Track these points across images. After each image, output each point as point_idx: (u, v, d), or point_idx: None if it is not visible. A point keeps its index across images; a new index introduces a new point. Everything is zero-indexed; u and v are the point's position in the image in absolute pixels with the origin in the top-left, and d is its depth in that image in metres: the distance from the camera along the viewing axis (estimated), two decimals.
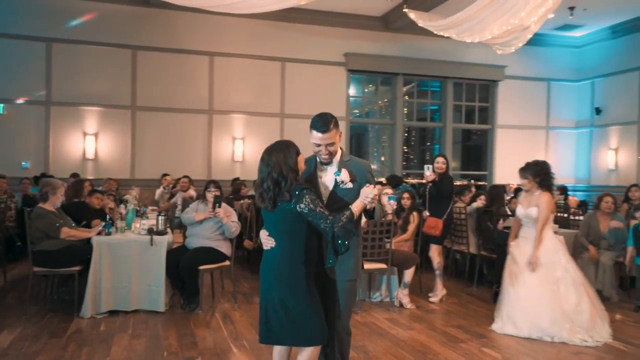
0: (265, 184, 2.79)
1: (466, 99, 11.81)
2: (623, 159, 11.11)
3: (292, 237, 2.81)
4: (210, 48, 10.28)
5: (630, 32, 10.91)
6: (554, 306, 4.59)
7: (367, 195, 2.75)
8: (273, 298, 2.82)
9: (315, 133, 2.88)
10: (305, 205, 2.69)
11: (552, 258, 4.75)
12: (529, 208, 4.86)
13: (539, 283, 4.68)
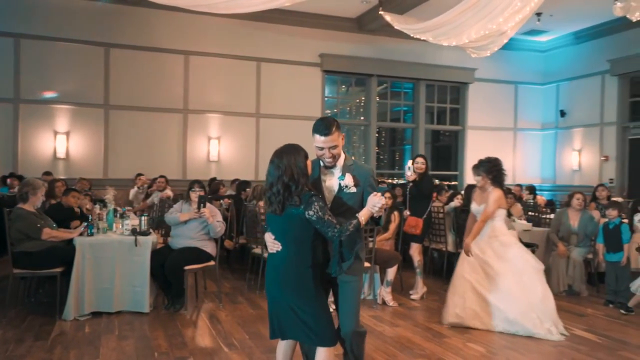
0: (275, 187, 2.81)
1: (438, 100, 12.06)
2: (586, 160, 11.56)
3: (299, 241, 2.84)
4: (185, 47, 10.19)
5: (593, 38, 11.36)
6: (521, 298, 4.71)
7: (375, 204, 2.78)
8: (282, 301, 2.86)
9: (318, 137, 2.91)
10: (314, 212, 2.73)
11: (511, 252, 4.88)
12: (482, 204, 4.98)
13: (504, 277, 4.78)
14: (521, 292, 4.72)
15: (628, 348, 4.52)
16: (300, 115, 10.87)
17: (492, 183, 4.96)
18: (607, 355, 4.30)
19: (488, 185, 4.98)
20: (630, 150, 10.85)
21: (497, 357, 4.23)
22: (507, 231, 5.05)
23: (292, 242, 2.85)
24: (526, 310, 4.68)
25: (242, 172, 10.21)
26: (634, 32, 10.31)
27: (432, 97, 12.01)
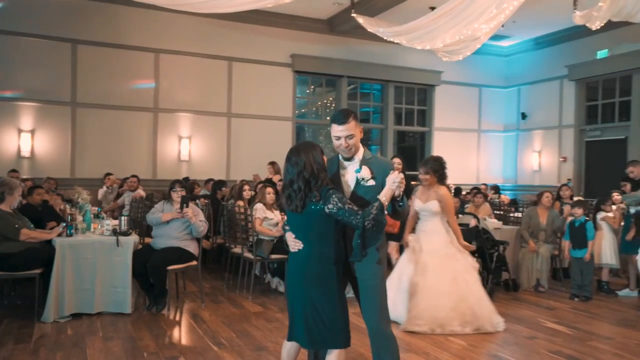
0: (296, 184, 2.81)
1: (405, 102, 12.31)
2: (546, 161, 12.05)
3: (321, 238, 2.83)
4: (155, 45, 10.05)
5: (552, 44, 11.85)
6: (453, 296, 4.78)
7: (395, 181, 2.76)
8: (304, 299, 2.85)
9: (335, 126, 2.92)
10: (334, 205, 2.73)
11: (452, 249, 4.98)
12: (428, 202, 5.00)
13: (442, 274, 4.85)
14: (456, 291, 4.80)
15: (597, 338, 4.80)
16: (272, 115, 10.92)
17: (439, 181, 5.03)
18: (579, 346, 4.56)
19: (435, 183, 5.02)
20: (587, 151, 11.38)
21: (478, 349, 4.42)
22: (449, 228, 5.09)
23: (315, 239, 2.84)
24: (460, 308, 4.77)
25: (214, 171, 10.16)
26: (590, 40, 10.83)
27: (400, 99, 12.25)
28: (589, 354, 4.34)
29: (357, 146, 2.98)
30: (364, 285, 2.97)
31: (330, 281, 2.83)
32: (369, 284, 2.96)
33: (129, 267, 5.21)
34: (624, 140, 10.55)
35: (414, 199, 5.18)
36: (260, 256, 5.96)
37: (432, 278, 4.85)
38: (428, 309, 4.76)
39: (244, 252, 6.22)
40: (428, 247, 4.99)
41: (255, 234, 6.02)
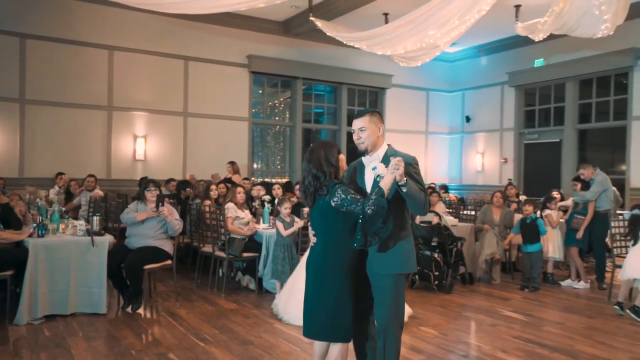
0: (307, 179, 2.98)
1: (358, 103, 12.69)
2: (488, 162, 12.78)
3: (330, 232, 2.97)
4: (109, 42, 9.84)
5: (493, 52, 12.58)
6: None
7: (395, 166, 2.76)
8: (312, 292, 3.00)
9: (353, 121, 3.11)
10: (338, 196, 2.82)
11: None
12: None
13: None
14: None
15: (549, 324, 5.29)
16: (228, 115, 10.96)
17: None
18: (536, 331, 5.02)
19: None
20: (525, 153, 12.18)
21: (448, 337, 4.77)
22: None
23: (323, 234, 3.00)
24: None
25: (170, 171, 10.09)
26: (528, 49, 11.61)
27: (353, 101, 12.60)
28: (545, 338, 4.80)
29: (375, 142, 3.07)
30: (379, 281, 3.02)
31: (336, 275, 2.94)
32: (384, 281, 3.00)
33: (104, 267, 5.20)
34: (559, 143, 11.40)
35: None
36: (233, 255, 6.07)
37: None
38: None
39: (215, 251, 6.30)
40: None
41: (227, 233, 6.12)
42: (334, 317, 2.94)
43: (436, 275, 6.46)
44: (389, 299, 2.99)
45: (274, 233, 6.11)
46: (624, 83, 10.35)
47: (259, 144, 13.70)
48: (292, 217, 5.88)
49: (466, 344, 4.59)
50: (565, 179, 10.98)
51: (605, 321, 5.43)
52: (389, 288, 2.99)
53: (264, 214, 6.83)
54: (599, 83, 10.82)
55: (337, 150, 3.05)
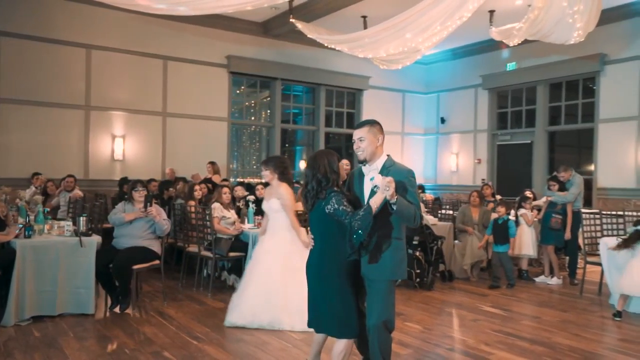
0: (310, 184, 3.17)
1: (336, 104, 12.84)
2: (462, 162, 13.10)
3: (325, 235, 3.17)
4: (87, 40, 9.74)
5: (467, 55, 12.89)
6: (287, 296, 4.82)
7: (385, 186, 2.89)
8: (314, 290, 3.21)
9: (354, 131, 3.27)
10: (331, 205, 3.06)
11: (290, 247, 4.97)
12: (270, 200, 5.06)
13: (277, 272, 4.89)
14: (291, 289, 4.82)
15: (527, 318, 5.54)
16: (207, 116, 10.96)
17: (280, 178, 5.04)
18: (515, 324, 5.25)
19: (276, 181, 5.03)
20: (498, 154, 12.53)
21: (433, 332, 4.95)
22: (287, 227, 5.06)
23: (321, 235, 3.20)
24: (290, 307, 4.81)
25: (149, 171, 10.04)
26: (501, 53, 11.97)
27: (331, 102, 12.75)
28: (524, 331, 5.03)
29: (373, 152, 3.20)
30: (370, 285, 3.19)
31: (333, 276, 3.15)
32: (375, 285, 3.16)
33: (92, 268, 5.20)
34: (530, 144, 11.77)
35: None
36: (220, 254, 6.13)
37: (266, 276, 4.89)
38: (264, 306, 4.82)
39: (201, 251, 6.35)
40: (268, 246, 5.03)
41: (213, 233, 6.17)
42: (338, 314, 3.14)
43: (418, 273, 6.65)
44: (380, 303, 3.14)
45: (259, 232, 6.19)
46: (591, 87, 10.77)
47: (235, 144, 13.72)
48: None
49: (451, 338, 4.77)
50: (537, 179, 11.37)
51: (578, 315, 5.71)
52: (380, 293, 3.15)
53: (249, 214, 6.91)
54: (568, 87, 11.23)
55: (337, 158, 3.26)
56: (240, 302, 4.96)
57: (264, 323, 4.83)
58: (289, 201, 4.97)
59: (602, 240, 6.22)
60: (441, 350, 4.41)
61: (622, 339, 4.85)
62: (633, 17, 9.77)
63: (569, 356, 4.33)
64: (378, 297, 3.15)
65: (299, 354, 4.25)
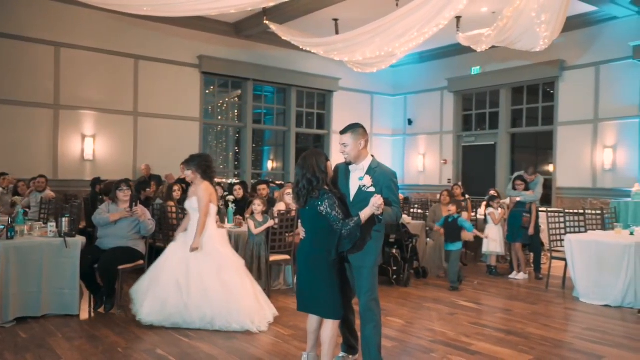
0: (301, 183, 3.45)
1: (306, 105, 13.00)
2: (429, 163, 13.49)
3: (317, 229, 3.50)
4: (55, 38, 9.58)
5: (434, 59, 13.28)
6: (219, 294, 4.77)
7: (375, 204, 3.35)
8: (303, 276, 3.53)
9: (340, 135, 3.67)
10: (325, 207, 3.40)
11: (215, 247, 4.94)
12: (192, 198, 5.00)
13: (203, 273, 4.81)
14: (221, 288, 4.78)
15: (500, 311, 5.85)
16: (179, 116, 10.94)
17: (202, 177, 5.00)
18: (489, 317, 5.56)
19: (198, 180, 5.00)
20: (463, 155, 12.97)
21: (415, 325, 5.18)
22: (215, 226, 5.08)
23: (312, 230, 3.52)
24: (226, 305, 4.75)
25: (120, 171, 9.93)
26: (466, 57, 12.36)
27: (302, 102, 12.90)
28: (499, 323, 5.33)
29: (358, 155, 3.60)
30: (358, 271, 3.62)
31: (322, 263, 3.49)
32: (362, 271, 3.60)
33: (77, 269, 5.18)
34: (494, 145, 12.25)
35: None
36: None
37: (196, 276, 4.80)
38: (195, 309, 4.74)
39: None
40: (187, 244, 4.92)
41: None
42: (326, 297, 3.48)
43: (394, 270, 6.88)
44: (368, 285, 3.59)
45: (242, 232, 6.30)
46: (550, 92, 11.31)
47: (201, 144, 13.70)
48: (266, 217, 6.09)
49: (432, 331, 5.01)
50: (500, 179, 11.84)
51: (545, 307, 6.06)
52: (368, 276, 3.59)
53: (229, 214, 6.98)
54: (529, 91, 11.75)
55: (325, 158, 3.54)
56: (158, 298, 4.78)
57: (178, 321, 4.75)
58: (203, 201, 4.90)
59: (566, 237, 6.60)
60: (424, 343, 4.63)
61: (587, 328, 5.20)
62: (590, 26, 10.35)
63: (542, 345, 4.63)
64: (366, 281, 3.58)
65: (289, 349, 4.40)
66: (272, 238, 6.06)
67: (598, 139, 10.32)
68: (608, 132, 10.22)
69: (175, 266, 4.86)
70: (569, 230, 7.14)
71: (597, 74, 10.38)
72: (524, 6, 6.18)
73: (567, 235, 6.70)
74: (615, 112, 10.08)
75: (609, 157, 10.12)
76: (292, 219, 6.24)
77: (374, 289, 3.63)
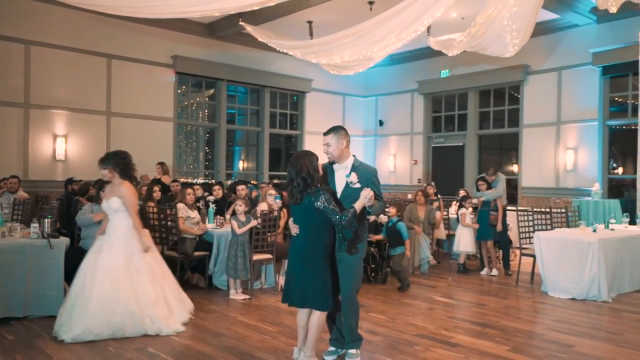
0: (295, 181, 3.65)
1: (279, 106, 13.10)
2: (400, 163, 13.78)
3: (312, 225, 3.68)
4: (26, 36, 9.38)
5: (404, 61, 13.56)
6: (129, 299, 4.54)
7: (365, 197, 3.65)
8: (296, 270, 3.71)
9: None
10: (321, 203, 3.59)
11: (131, 249, 4.72)
12: (111, 199, 4.74)
13: (116, 276, 4.57)
14: (131, 293, 4.58)
15: (475, 305, 6.13)
16: (153, 115, 10.88)
17: (121, 176, 4.76)
18: (466, 311, 5.83)
19: (116, 179, 4.77)
20: (433, 155, 13.32)
21: (397, 320, 5.37)
22: (132, 227, 4.79)
23: (307, 225, 3.70)
24: (135, 310, 4.55)
25: (93, 172, 9.55)
26: (435, 60, 12.69)
27: (275, 103, 12.99)
28: (475, 317, 5.59)
29: (341, 154, 3.93)
30: (343, 265, 3.90)
31: (316, 257, 3.71)
32: (348, 264, 3.90)
33: (61, 270, 5.18)
34: (462, 146, 12.64)
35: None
36: (185, 254, 6.24)
37: (105, 281, 4.54)
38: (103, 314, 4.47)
39: (164, 251, 6.42)
40: (108, 248, 4.68)
41: (178, 233, 6.27)
42: (319, 290, 3.68)
43: (372, 268, 7.08)
44: (353, 277, 3.92)
45: (224, 232, 6.38)
46: (516, 95, 11.76)
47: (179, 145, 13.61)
48: (248, 217, 6.18)
49: (414, 325, 5.21)
50: (468, 179, 12.21)
51: (517, 301, 6.38)
52: (354, 269, 3.93)
53: (209, 215, 7.04)
54: (496, 94, 12.17)
55: (316, 158, 3.77)
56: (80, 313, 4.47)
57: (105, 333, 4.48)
58: (132, 201, 4.71)
59: (535, 234, 6.93)
60: (407, 336, 4.83)
61: (556, 320, 5.51)
62: (553, 32, 10.81)
63: (517, 336, 4.90)
64: (352, 273, 3.90)
65: (278, 344, 4.52)
66: (255, 237, 6.16)
67: (560, 140, 10.79)
68: (570, 135, 10.70)
69: (105, 275, 4.57)
70: (537, 228, 7.48)
71: (560, 79, 10.85)
72: (496, 14, 6.47)
73: (537, 232, 7.03)
74: (576, 115, 10.58)
75: (571, 158, 10.61)
76: (274, 218, 6.36)
77: (359, 282, 3.99)
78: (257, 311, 5.63)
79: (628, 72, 9.89)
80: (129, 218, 4.75)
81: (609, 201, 9.49)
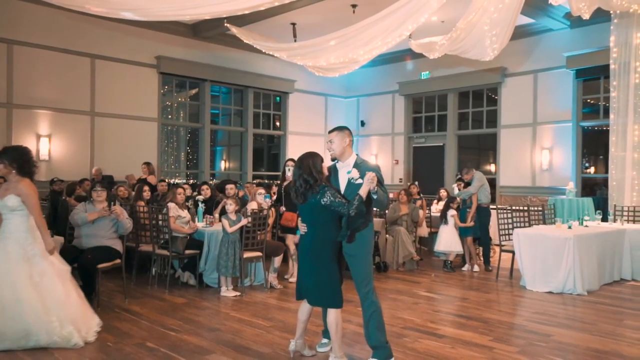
0: (298, 182, 3.78)
1: (263, 106, 13.23)
2: (381, 163, 13.97)
3: (319, 223, 3.80)
4: (8, 35, 9.34)
5: (385, 63, 13.80)
6: (37, 303, 4.21)
7: (369, 179, 3.70)
8: (309, 268, 3.80)
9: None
10: (327, 198, 3.71)
11: (33, 250, 4.37)
12: (6, 197, 4.31)
13: (19, 281, 4.22)
14: (39, 297, 4.23)
15: (459, 300, 6.37)
16: (137, 116, 10.91)
17: (18, 172, 4.38)
18: (450, 305, 6.07)
19: (14, 175, 4.38)
20: (414, 155, 13.60)
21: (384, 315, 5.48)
22: (27, 228, 4.39)
23: (314, 224, 3.82)
24: (43, 316, 4.21)
25: (77, 172, 9.84)
26: (416, 62, 13.03)
27: (259, 104, 13.12)
28: (459, 310, 5.83)
29: (343, 152, 4.04)
30: (352, 260, 3.96)
31: (325, 254, 3.81)
32: (357, 259, 3.95)
33: None
34: (442, 146, 12.95)
35: None
36: (176, 252, 6.35)
37: (6, 286, 4.19)
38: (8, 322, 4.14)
39: (155, 250, 6.52)
40: (4, 251, 4.29)
41: (169, 232, 6.38)
42: (328, 288, 3.78)
43: None
44: (366, 272, 3.95)
45: (215, 231, 6.51)
46: (493, 97, 12.11)
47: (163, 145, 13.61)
48: (239, 215, 6.32)
49: (401, 319, 5.43)
50: (448, 178, 12.53)
51: (497, 295, 6.66)
52: (365, 264, 3.97)
53: (198, 213, 7.16)
54: (475, 95, 12.52)
55: (320, 159, 3.88)
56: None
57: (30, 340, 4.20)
58: (33, 199, 4.35)
59: (515, 231, 7.22)
60: (396, 329, 5.03)
61: (535, 312, 5.79)
62: (529, 36, 11.17)
63: (499, 327, 5.15)
64: (362, 269, 3.94)
65: (274, 338, 4.68)
66: (246, 236, 6.30)
67: (536, 141, 11.16)
68: (545, 135, 11.08)
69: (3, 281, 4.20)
70: (516, 225, 7.78)
71: (535, 81, 11.23)
72: (477, 20, 6.73)
73: (516, 229, 7.32)
74: (552, 117, 10.96)
75: (546, 158, 10.99)
76: (264, 217, 6.51)
77: (370, 277, 3.98)
78: (249, 307, 5.78)
79: (600, 75, 10.31)
80: (27, 217, 4.37)
81: (582, 199, 9.87)
